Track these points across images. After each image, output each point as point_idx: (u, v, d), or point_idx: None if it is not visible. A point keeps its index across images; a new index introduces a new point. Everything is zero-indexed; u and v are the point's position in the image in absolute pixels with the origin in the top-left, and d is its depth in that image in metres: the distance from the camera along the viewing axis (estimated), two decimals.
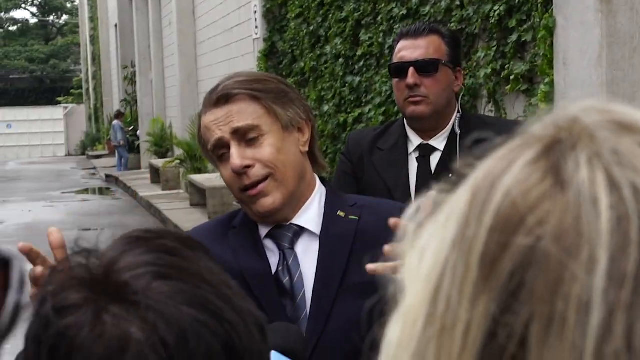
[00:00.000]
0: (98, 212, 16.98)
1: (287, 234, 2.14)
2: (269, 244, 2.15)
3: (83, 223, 15.16)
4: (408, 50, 3.03)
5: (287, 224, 2.14)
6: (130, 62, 27.05)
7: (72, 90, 47.07)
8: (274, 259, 2.13)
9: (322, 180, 2.24)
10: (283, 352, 1.61)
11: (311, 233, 2.14)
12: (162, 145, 21.33)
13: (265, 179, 2.07)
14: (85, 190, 21.98)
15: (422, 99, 2.95)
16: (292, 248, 2.13)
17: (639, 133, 0.61)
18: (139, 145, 24.57)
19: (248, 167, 2.06)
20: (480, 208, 0.62)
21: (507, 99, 6.36)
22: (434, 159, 3.03)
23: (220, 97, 2.09)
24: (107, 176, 24.22)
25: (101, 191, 21.99)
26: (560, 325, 0.57)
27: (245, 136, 2.07)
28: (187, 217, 14.20)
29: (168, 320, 0.87)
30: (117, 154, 26.07)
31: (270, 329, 1.68)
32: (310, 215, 2.15)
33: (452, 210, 0.65)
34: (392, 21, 8.07)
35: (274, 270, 2.12)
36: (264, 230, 2.15)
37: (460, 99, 3.09)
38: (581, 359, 0.56)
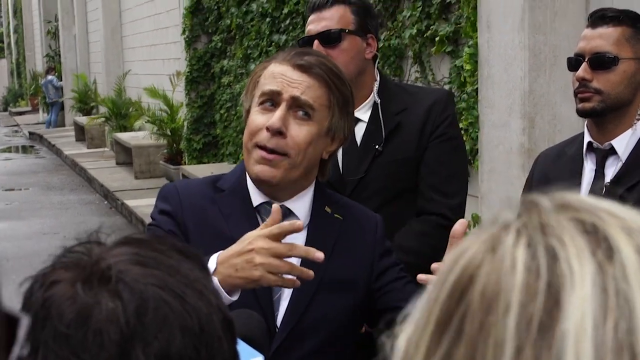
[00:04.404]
0: (22, 171, 16.71)
1: None
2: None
3: (7, 183, 14.93)
4: (313, 23, 3.05)
5: (279, 204, 2.18)
6: (54, 16, 26.53)
7: None
8: None
9: None
10: (242, 338, 1.62)
11: (297, 220, 2.19)
12: (87, 102, 21.03)
13: (283, 154, 2.13)
14: (8, 149, 21.59)
15: None
16: None
17: (574, 210, 0.74)
18: (62, 102, 24.16)
19: (281, 133, 2.13)
20: (442, 279, 0.75)
21: (433, 60, 6.39)
22: (359, 130, 3.01)
23: (303, 65, 2.17)
24: (31, 133, 23.82)
25: (25, 149, 21.62)
26: None
27: (297, 108, 2.15)
28: (113, 176, 14.09)
29: (134, 293, 0.98)
30: (50, 111, 25.41)
31: (232, 315, 1.70)
32: (302, 204, 2.22)
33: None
34: None
35: None
36: (255, 201, 2.21)
37: (376, 65, 3.10)
38: None
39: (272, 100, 2.16)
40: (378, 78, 3.07)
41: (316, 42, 2.98)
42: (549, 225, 0.72)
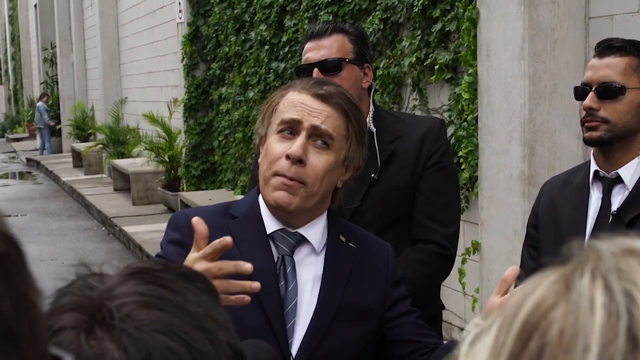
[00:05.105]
0: (19, 197, 16.69)
1: (291, 241, 2.20)
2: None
3: (4, 209, 14.75)
4: (313, 51, 3.06)
5: (293, 231, 2.20)
6: (50, 43, 26.61)
7: None
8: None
9: None
10: None
11: (310, 246, 2.21)
12: (84, 129, 21.06)
13: (301, 182, 2.14)
14: (5, 175, 21.58)
15: None
16: (291, 255, 2.19)
17: None
18: (60, 128, 24.20)
19: (301, 162, 2.13)
20: (509, 321, 0.75)
21: (431, 87, 6.43)
22: None
23: (323, 95, 2.18)
24: (28, 160, 23.82)
25: (22, 175, 21.60)
26: None
27: (316, 137, 2.17)
28: (110, 202, 14.09)
29: (139, 345, 0.94)
30: (40, 137, 25.59)
31: (242, 345, 1.70)
32: (316, 231, 2.23)
33: (497, 326, 0.78)
34: (316, 8, 8.09)
35: None
36: (268, 228, 2.21)
37: (372, 95, 3.12)
38: None
39: (291, 128, 2.17)
40: (373, 107, 3.09)
41: (316, 70, 2.99)
42: (621, 269, 0.74)
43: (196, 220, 1.89)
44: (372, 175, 2.98)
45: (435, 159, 3.01)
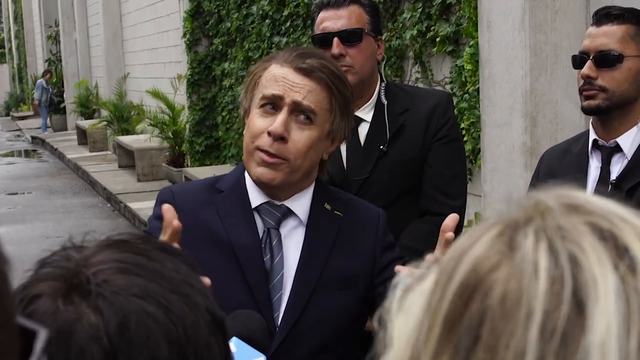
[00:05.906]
0: (25, 175, 16.72)
1: (276, 213, 2.19)
2: (255, 217, 2.20)
3: (10, 187, 14.95)
4: (331, 20, 3.03)
5: (279, 203, 2.19)
6: (54, 21, 26.56)
7: None
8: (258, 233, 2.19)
9: None
10: (243, 339, 1.63)
11: (297, 218, 2.20)
12: (88, 106, 21.06)
13: (283, 159, 2.12)
14: (11, 153, 21.60)
15: (347, 69, 2.93)
16: (277, 228, 2.18)
17: (588, 213, 0.72)
18: (64, 106, 24.19)
19: (283, 139, 2.11)
20: (447, 276, 0.73)
21: (433, 60, 6.41)
22: (362, 131, 3.03)
23: (304, 69, 2.14)
24: (33, 138, 23.85)
25: (27, 153, 21.62)
26: None
27: (298, 113, 2.13)
28: (115, 179, 14.11)
29: (115, 308, 0.94)
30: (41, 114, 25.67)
31: (232, 315, 1.72)
32: (302, 202, 2.21)
33: (433, 279, 0.76)
34: None
35: None
36: (254, 201, 2.20)
37: (382, 67, 3.11)
38: None
39: (273, 104, 2.14)
40: (385, 79, 3.10)
41: (336, 39, 2.98)
42: (565, 229, 0.71)
43: (165, 207, 1.79)
44: (381, 147, 2.99)
45: (443, 132, 3.03)
